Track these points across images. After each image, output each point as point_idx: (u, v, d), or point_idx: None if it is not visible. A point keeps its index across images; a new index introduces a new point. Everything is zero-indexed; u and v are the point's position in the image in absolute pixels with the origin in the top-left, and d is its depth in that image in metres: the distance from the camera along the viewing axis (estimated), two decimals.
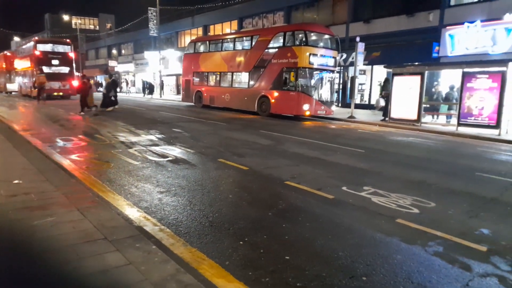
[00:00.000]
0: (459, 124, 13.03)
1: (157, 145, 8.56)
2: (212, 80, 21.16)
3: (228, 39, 20.42)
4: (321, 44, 16.51)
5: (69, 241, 3.18)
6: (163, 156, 7.34)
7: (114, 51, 54.46)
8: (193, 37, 39.22)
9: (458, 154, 9.09)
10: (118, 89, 20.95)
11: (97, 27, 73.80)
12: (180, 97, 32.34)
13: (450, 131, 12.99)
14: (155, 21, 35.68)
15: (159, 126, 12.23)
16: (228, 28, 33.64)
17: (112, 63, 50.21)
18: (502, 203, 5.08)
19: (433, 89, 15.85)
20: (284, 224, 4.03)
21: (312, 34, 16.16)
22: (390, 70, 15.77)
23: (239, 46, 19.31)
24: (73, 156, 7.00)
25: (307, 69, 15.49)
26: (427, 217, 4.37)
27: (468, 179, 6.43)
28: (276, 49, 16.56)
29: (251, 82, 17.95)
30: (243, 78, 18.81)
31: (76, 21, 61.30)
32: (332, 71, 16.59)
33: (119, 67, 50.02)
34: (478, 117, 12.45)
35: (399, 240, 3.72)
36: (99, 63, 55.70)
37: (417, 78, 14.12)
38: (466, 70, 12.82)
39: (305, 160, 7.43)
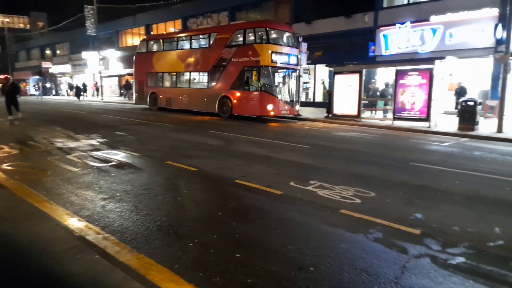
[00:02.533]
0: (394, 118, 14.00)
1: (99, 149, 8.14)
2: (167, 81, 20.14)
3: (184, 37, 19.50)
4: (283, 41, 16.12)
5: (3, 258, 2.92)
6: (105, 161, 7.00)
7: (48, 52, 50.82)
8: (136, 37, 37.88)
9: (394, 147, 9.76)
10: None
11: (28, 26, 68.20)
12: (122, 98, 31.11)
13: (387, 125, 13.91)
14: (92, 20, 33.83)
15: (101, 130, 11.63)
16: (172, 27, 32.91)
17: (46, 64, 46.78)
18: (433, 189, 5.56)
19: (370, 86, 16.86)
20: (234, 222, 4.05)
21: (273, 31, 15.69)
22: (332, 68, 16.48)
23: (196, 45, 18.50)
24: (4, 166, 6.42)
25: (269, 68, 15.02)
26: (368, 206, 4.65)
27: (403, 169, 6.94)
28: (236, 47, 15.89)
29: (211, 82, 17.19)
30: (201, 78, 18.07)
31: (3, 20, 56.25)
32: (295, 70, 16.14)
33: (54, 68, 46.75)
34: (411, 111, 13.47)
35: (343, 229, 3.91)
36: (32, 65, 51.59)
37: (356, 76, 14.91)
38: (398, 68, 13.80)
39: (254, 159, 7.52)
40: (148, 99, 20.92)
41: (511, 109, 14.63)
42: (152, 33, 34.39)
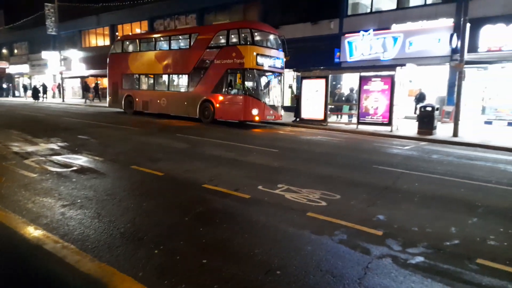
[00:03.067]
0: (358, 123, 14.45)
1: (59, 154, 7.78)
2: (144, 83, 19.08)
3: (163, 38, 18.54)
4: (268, 43, 15.63)
5: None
6: (66, 166, 6.70)
7: (5, 51, 48.06)
8: (100, 37, 36.68)
9: (358, 150, 10.07)
10: None
11: None
12: (83, 101, 29.93)
13: (351, 129, 14.32)
14: (53, 18, 32.41)
15: (62, 133, 11.13)
16: (138, 28, 32.17)
17: (2, 64, 44.25)
18: (395, 191, 5.78)
19: (336, 91, 17.31)
20: (202, 227, 4.00)
21: (258, 32, 15.04)
22: (299, 73, 16.76)
23: (175, 45, 17.74)
24: None
25: (254, 71, 14.29)
26: (333, 208, 4.76)
27: (367, 171, 7.17)
28: (219, 49, 15.08)
29: (191, 85, 16.31)
30: (181, 81, 17.28)
31: None
32: (280, 73, 15.66)
33: (12, 69, 44.32)
34: (374, 116, 13.97)
35: (309, 232, 3.97)
36: None
37: (322, 81, 15.27)
38: (362, 74, 14.28)
39: (222, 162, 7.48)
40: (123, 102, 19.74)
41: (466, 114, 15.56)
42: (117, 34, 33.44)
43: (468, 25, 12.89)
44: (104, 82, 29.55)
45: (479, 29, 15.67)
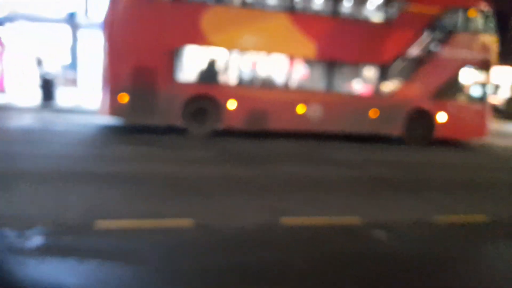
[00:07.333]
0: None
1: None
2: (256, 73, 10.06)
3: None
4: None
5: None
6: None
7: None
8: None
9: None
10: None
11: None
12: None
13: None
14: None
15: None
16: None
17: None
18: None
19: None
20: None
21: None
22: None
23: (351, 12, 10.40)
24: None
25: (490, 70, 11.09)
26: None
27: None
28: (448, 34, 10.54)
29: (389, 85, 10.59)
30: (365, 77, 10.70)
31: None
32: None
33: None
34: None
35: None
36: None
37: None
38: None
39: None
40: (178, 111, 9.06)
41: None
42: None
43: None
44: None
45: None
